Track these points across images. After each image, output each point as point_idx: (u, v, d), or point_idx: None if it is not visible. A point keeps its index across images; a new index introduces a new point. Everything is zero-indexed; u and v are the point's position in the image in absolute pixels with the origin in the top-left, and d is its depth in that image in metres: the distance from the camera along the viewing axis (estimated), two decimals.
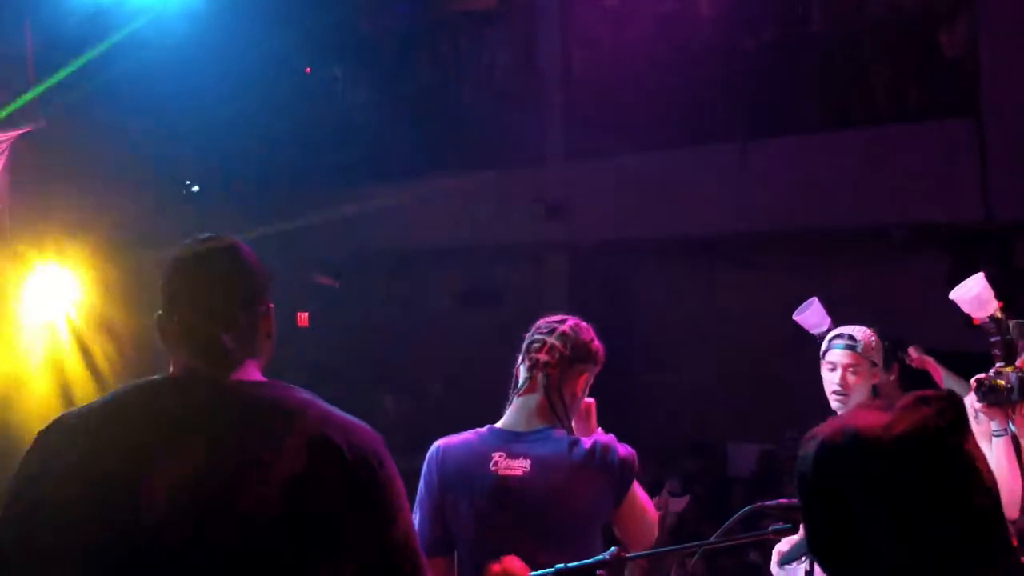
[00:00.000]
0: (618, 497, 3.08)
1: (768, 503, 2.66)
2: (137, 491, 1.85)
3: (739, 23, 10.12)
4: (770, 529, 2.46)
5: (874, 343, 3.75)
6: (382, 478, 1.96)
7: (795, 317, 4.21)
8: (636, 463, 3.11)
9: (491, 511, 3.04)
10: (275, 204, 11.46)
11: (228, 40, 10.62)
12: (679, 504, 6.86)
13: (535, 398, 3.15)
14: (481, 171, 11.22)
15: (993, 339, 3.60)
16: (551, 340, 3.19)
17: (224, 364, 2.04)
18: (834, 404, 3.71)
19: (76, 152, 10.09)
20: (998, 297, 3.67)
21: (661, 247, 10.81)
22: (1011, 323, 3.70)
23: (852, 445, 1.45)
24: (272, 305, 2.16)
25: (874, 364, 3.74)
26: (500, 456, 3.07)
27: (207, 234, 2.14)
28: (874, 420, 1.45)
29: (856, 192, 9.00)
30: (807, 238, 9.85)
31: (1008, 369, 3.48)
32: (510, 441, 3.10)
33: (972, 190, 8.45)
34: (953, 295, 3.71)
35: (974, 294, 3.65)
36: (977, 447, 1.46)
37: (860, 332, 3.77)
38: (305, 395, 2.03)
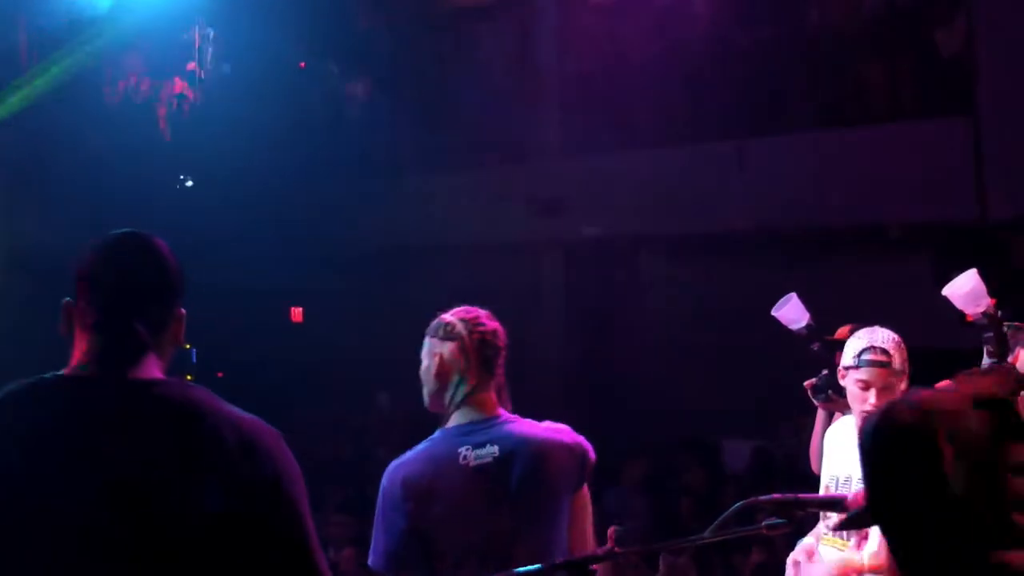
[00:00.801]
0: (579, 480, 3.12)
1: (762, 498, 2.67)
2: (39, 493, 1.84)
3: (735, 20, 10.12)
4: (763, 524, 2.46)
5: (904, 352, 3.65)
6: (276, 475, 1.95)
7: (774, 313, 4.20)
8: (591, 450, 3.14)
9: (471, 502, 3.05)
10: (269, 200, 11.44)
11: (223, 35, 10.61)
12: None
13: (480, 392, 3.15)
14: (477, 168, 11.22)
15: (986, 334, 3.60)
16: (487, 335, 3.18)
17: (132, 355, 2.00)
18: (859, 418, 3.62)
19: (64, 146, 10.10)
20: (991, 294, 3.68)
21: (656, 244, 10.81)
22: (1004, 325, 3.71)
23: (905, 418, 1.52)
24: (184, 311, 2.11)
25: (904, 372, 3.65)
26: (466, 450, 3.07)
27: (125, 229, 2.10)
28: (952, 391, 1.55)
29: (852, 190, 9.00)
30: (803, 236, 9.86)
31: (1001, 365, 3.49)
32: (470, 433, 3.11)
33: (967, 189, 8.46)
34: (946, 291, 3.69)
35: (967, 290, 3.64)
36: None
37: (891, 344, 3.61)
38: (200, 391, 2.01)
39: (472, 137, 11.34)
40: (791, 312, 4.15)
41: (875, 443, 1.55)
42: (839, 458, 3.78)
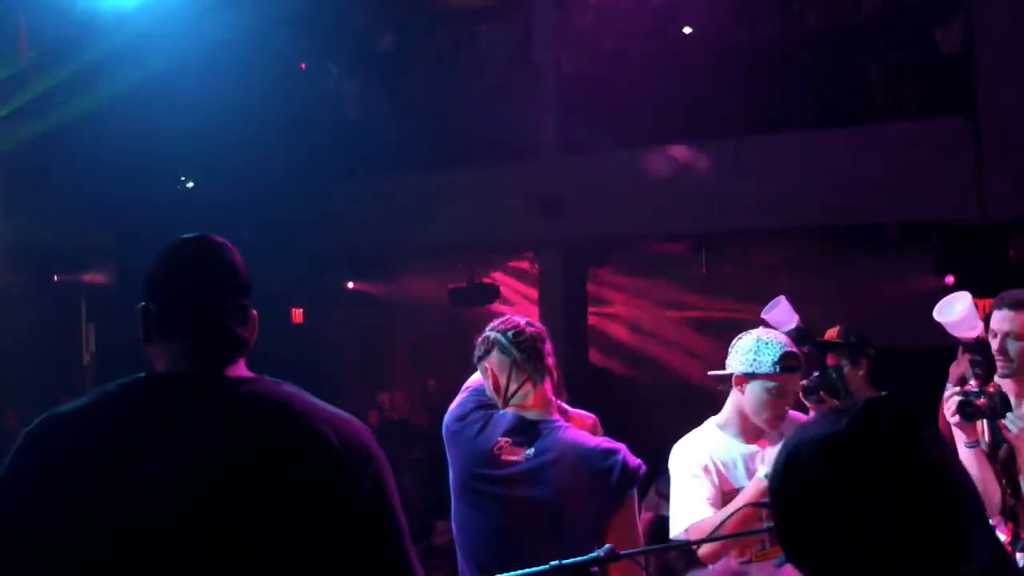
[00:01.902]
0: (615, 497, 3.09)
1: (762, 501, 2.67)
2: (137, 489, 1.85)
3: (734, 20, 10.12)
4: (764, 527, 2.46)
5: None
6: (371, 471, 1.97)
7: (763, 315, 4.19)
8: (640, 474, 3.12)
9: (481, 486, 3.12)
10: (269, 200, 11.44)
11: (223, 35, 10.61)
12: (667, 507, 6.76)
13: (534, 390, 3.18)
14: (476, 167, 11.21)
15: (975, 358, 3.56)
16: (524, 334, 3.22)
17: (228, 354, 2.03)
18: (771, 425, 3.52)
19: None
20: (990, 295, 3.66)
21: (655, 243, 10.81)
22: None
23: (816, 454, 1.45)
24: (256, 313, 2.14)
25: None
26: (505, 441, 3.11)
27: (195, 233, 2.12)
28: (833, 427, 1.45)
29: (851, 190, 9.00)
30: (802, 235, 9.86)
31: (988, 388, 3.47)
32: (517, 431, 3.13)
33: (967, 188, 8.46)
34: (938, 316, 3.62)
35: (961, 317, 3.59)
36: (943, 453, 1.46)
37: (796, 348, 3.57)
38: (293, 389, 2.03)
39: (471, 136, 11.33)
40: (780, 315, 4.14)
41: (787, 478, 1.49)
42: None
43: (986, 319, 3.65)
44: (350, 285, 12.98)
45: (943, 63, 9.09)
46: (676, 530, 3.44)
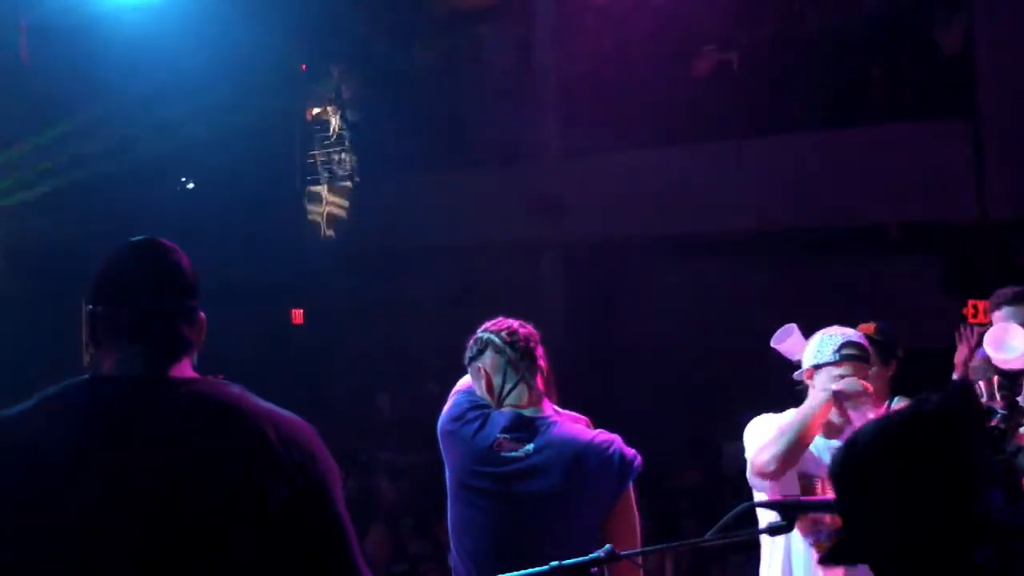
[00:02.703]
0: (616, 489, 3.11)
1: (763, 501, 2.67)
2: (81, 491, 1.85)
3: (736, 20, 10.12)
4: (765, 527, 2.46)
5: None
6: (314, 472, 1.97)
7: (773, 344, 4.16)
8: (636, 464, 3.14)
9: (480, 483, 3.13)
10: (269, 202, 11.45)
11: (224, 36, 10.61)
12: None
13: (527, 389, 3.19)
14: (476, 169, 11.21)
15: (1004, 380, 3.52)
16: (516, 333, 3.24)
17: (171, 358, 2.02)
18: (843, 413, 3.54)
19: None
20: (987, 296, 3.64)
21: (655, 245, 10.80)
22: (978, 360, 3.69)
23: (880, 439, 1.48)
24: (203, 315, 2.13)
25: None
26: (504, 438, 3.11)
27: (142, 236, 2.12)
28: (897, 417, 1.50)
29: (852, 190, 9.00)
30: (803, 236, 9.85)
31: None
32: (514, 428, 3.14)
33: (968, 189, 8.46)
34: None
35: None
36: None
37: (863, 339, 3.63)
38: (237, 389, 2.03)
39: (472, 138, 11.33)
40: (792, 345, 4.11)
41: (850, 467, 1.51)
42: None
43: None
44: (350, 286, 12.97)
45: (943, 64, 9.09)
46: (758, 460, 3.47)
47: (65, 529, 1.84)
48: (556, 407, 3.29)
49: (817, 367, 3.57)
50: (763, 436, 3.52)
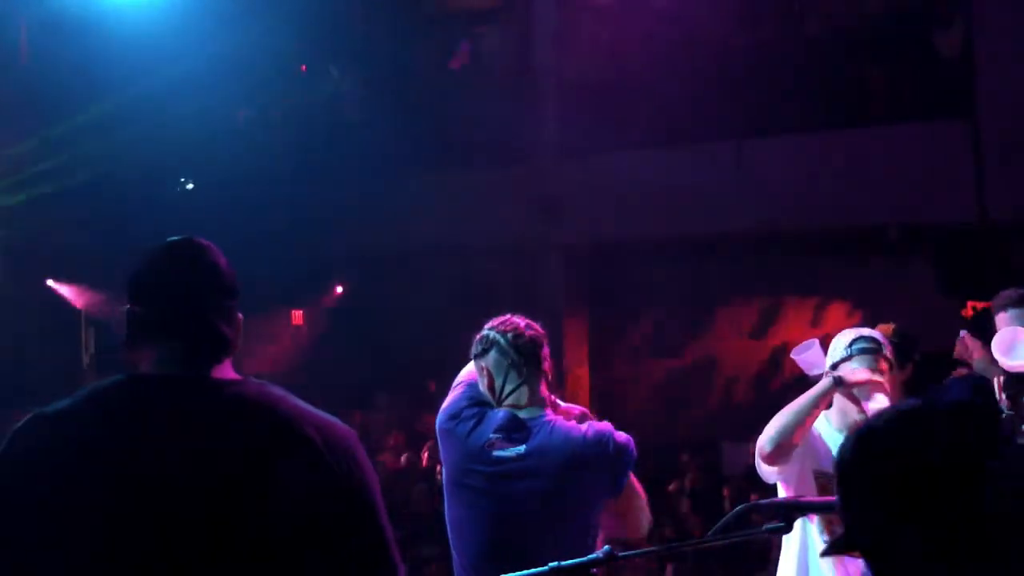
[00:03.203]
0: (613, 485, 3.13)
1: (762, 501, 2.67)
2: (124, 490, 1.85)
3: (735, 22, 10.12)
4: (764, 528, 2.46)
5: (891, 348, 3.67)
6: (357, 474, 1.97)
7: (793, 355, 4.17)
8: (631, 449, 3.16)
9: (470, 481, 3.14)
10: (269, 202, 11.44)
11: (223, 37, 10.61)
12: None
13: (528, 388, 3.19)
14: (476, 169, 11.22)
15: (1011, 382, 3.51)
16: (520, 332, 3.24)
17: (213, 355, 2.02)
18: (864, 408, 3.56)
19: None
20: (986, 298, 3.64)
21: (656, 246, 10.82)
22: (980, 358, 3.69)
23: (889, 434, 1.46)
24: (242, 316, 2.12)
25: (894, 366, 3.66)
26: (497, 438, 3.12)
27: (179, 236, 2.11)
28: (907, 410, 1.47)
29: (851, 191, 9.00)
30: (802, 237, 9.86)
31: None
32: (509, 428, 3.14)
33: (967, 190, 8.47)
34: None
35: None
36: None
37: (880, 336, 3.65)
38: (279, 391, 2.03)
39: (471, 138, 11.33)
40: (811, 357, 4.11)
41: (858, 460, 1.48)
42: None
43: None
44: (350, 288, 12.98)
45: (943, 66, 9.10)
46: (759, 443, 3.51)
47: (106, 524, 1.83)
48: (557, 400, 3.30)
49: (834, 366, 3.59)
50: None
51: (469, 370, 3.36)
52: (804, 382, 4.10)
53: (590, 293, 11.45)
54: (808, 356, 4.01)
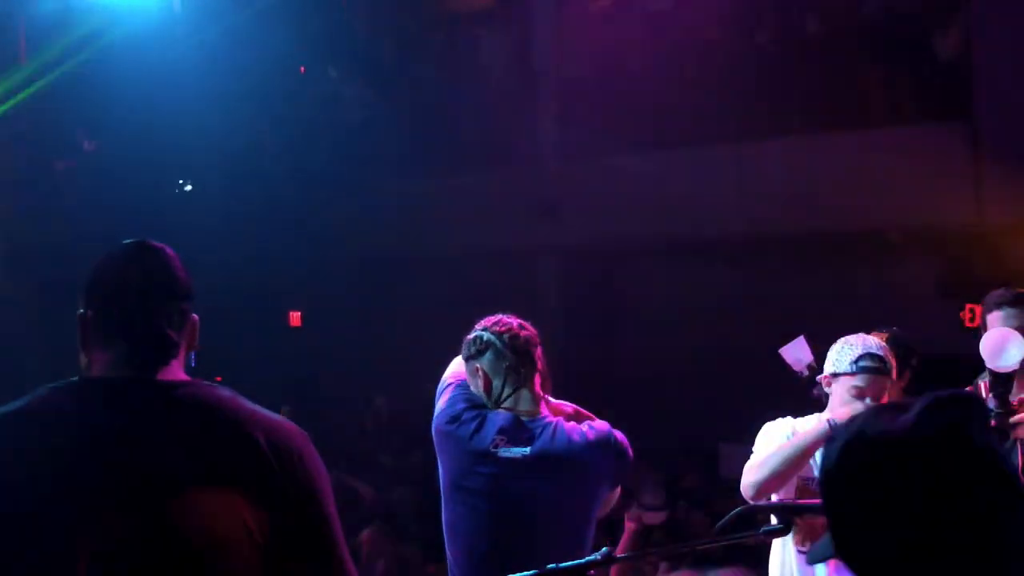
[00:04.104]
0: (614, 482, 3.19)
1: (760, 504, 2.67)
2: (71, 492, 1.85)
3: (733, 24, 10.12)
4: (761, 530, 2.46)
5: (893, 359, 3.60)
6: (303, 475, 1.97)
7: (780, 352, 4.16)
8: (630, 449, 3.22)
9: (475, 484, 3.15)
10: (267, 204, 11.43)
11: (223, 39, 10.61)
12: (655, 518, 6.59)
13: (525, 388, 3.20)
14: (474, 172, 11.21)
15: (998, 383, 3.51)
16: (514, 331, 3.24)
17: (160, 357, 2.03)
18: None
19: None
20: (980, 301, 3.63)
21: (654, 249, 10.81)
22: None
23: (878, 443, 1.44)
24: (196, 316, 2.13)
25: (894, 379, 3.61)
26: (500, 439, 3.12)
27: (133, 239, 2.13)
28: (897, 421, 1.44)
29: (850, 194, 9.00)
30: (801, 240, 9.85)
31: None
32: (510, 430, 3.14)
33: (966, 193, 8.46)
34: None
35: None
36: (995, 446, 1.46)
37: (885, 350, 3.56)
38: (227, 393, 2.04)
39: (469, 141, 11.33)
40: (796, 351, 4.11)
41: (844, 463, 1.47)
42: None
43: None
44: (348, 289, 12.96)
45: (941, 68, 9.10)
46: (743, 481, 3.44)
47: (51, 531, 1.83)
48: (548, 397, 3.31)
49: (835, 375, 3.55)
50: (759, 453, 3.51)
51: (456, 368, 3.35)
52: (801, 382, 4.11)
53: (588, 295, 11.44)
54: (794, 351, 4.02)
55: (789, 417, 3.72)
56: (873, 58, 9.56)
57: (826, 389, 3.63)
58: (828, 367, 3.59)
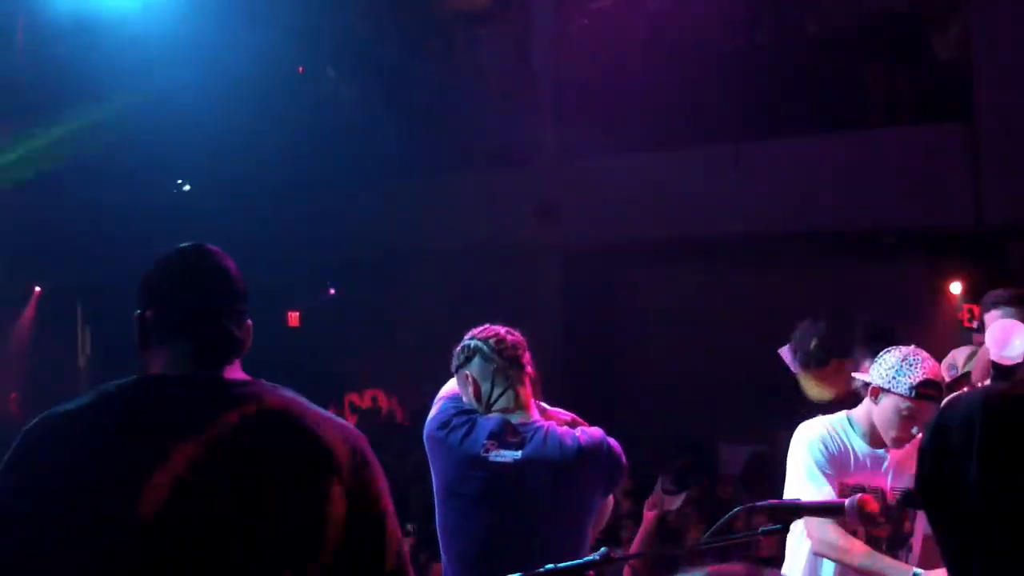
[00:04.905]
0: (607, 488, 3.17)
1: (759, 503, 2.67)
2: (135, 489, 1.85)
3: (732, 24, 10.13)
4: (760, 530, 2.46)
5: None
6: (367, 477, 1.98)
7: (780, 351, 4.16)
8: (623, 456, 3.19)
9: (469, 488, 3.14)
10: (266, 205, 11.44)
11: (221, 39, 10.61)
12: (675, 502, 6.65)
13: (515, 393, 3.20)
14: (474, 172, 11.21)
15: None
16: (501, 337, 3.25)
17: (223, 358, 2.04)
18: (895, 444, 3.48)
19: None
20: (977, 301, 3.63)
21: (653, 248, 10.82)
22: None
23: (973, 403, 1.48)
24: (251, 321, 2.15)
25: None
26: (491, 443, 3.12)
27: (189, 243, 2.14)
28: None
29: (848, 194, 9.01)
30: (799, 240, 9.86)
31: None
32: (501, 434, 3.14)
33: (964, 193, 8.47)
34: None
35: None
36: None
37: (939, 374, 3.49)
38: (290, 393, 2.05)
39: (469, 141, 11.33)
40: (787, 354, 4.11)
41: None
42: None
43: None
44: (348, 289, 12.98)
45: (940, 69, 9.10)
46: (818, 535, 3.39)
47: (113, 524, 1.84)
48: (545, 404, 3.30)
49: (887, 391, 3.43)
50: (821, 522, 3.37)
51: (450, 387, 3.36)
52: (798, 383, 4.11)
53: (588, 295, 11.45)
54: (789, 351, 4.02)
55: (820, 416, 3.64)
56: (872, 58, 9.56)
57: (870, 396, 3.51)
58: (877, 377, 3.46)
